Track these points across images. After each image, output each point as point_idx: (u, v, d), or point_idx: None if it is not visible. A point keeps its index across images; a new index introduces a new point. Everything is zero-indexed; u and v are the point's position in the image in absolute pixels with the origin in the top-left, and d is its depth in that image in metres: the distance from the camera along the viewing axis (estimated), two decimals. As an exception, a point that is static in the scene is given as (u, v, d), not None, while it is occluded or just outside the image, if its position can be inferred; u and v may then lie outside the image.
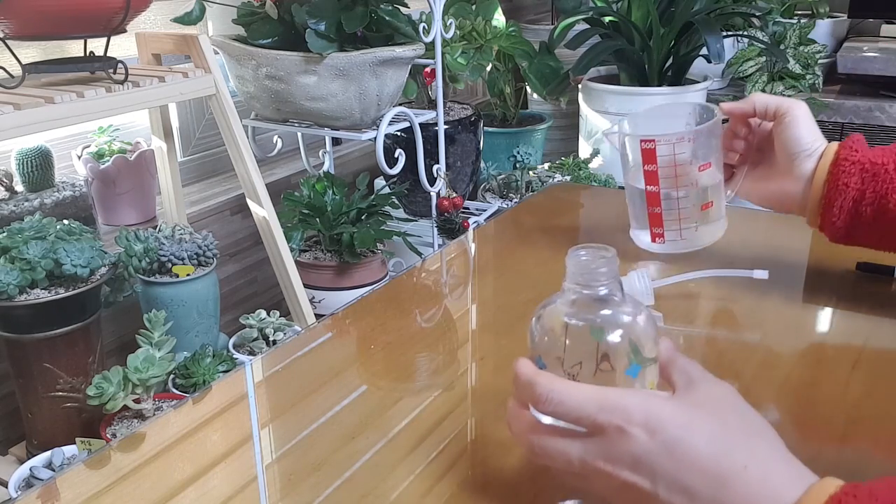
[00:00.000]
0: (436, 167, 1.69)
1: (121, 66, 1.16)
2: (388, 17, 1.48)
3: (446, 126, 1.72)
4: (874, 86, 2.48)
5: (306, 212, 1.55)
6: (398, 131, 1.61)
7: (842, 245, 0.73)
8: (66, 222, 1.16)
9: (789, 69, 2.33)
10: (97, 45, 1.19)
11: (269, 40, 1.44)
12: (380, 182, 1.83)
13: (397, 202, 1.72)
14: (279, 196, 1.56)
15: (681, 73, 2.22)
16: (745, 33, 2.32)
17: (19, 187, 1.27)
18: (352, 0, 1.44)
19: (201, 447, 0.57)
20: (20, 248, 1.06)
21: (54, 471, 1.05)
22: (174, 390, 1.21)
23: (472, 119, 1.86)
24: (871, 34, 2.75)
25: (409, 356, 0.70)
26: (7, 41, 1.09)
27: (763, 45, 2.28)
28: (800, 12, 2.68)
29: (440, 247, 1.65)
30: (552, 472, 0.45)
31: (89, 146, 1.42)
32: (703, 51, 2.03)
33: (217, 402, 0.63)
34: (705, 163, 0.77)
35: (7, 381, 1.23)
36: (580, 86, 2.27)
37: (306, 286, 1.45)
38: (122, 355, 1.06)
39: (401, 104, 1.60)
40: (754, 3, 2.34)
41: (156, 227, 1.32)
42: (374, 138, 1.50)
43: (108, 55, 1.16)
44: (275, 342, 1.35)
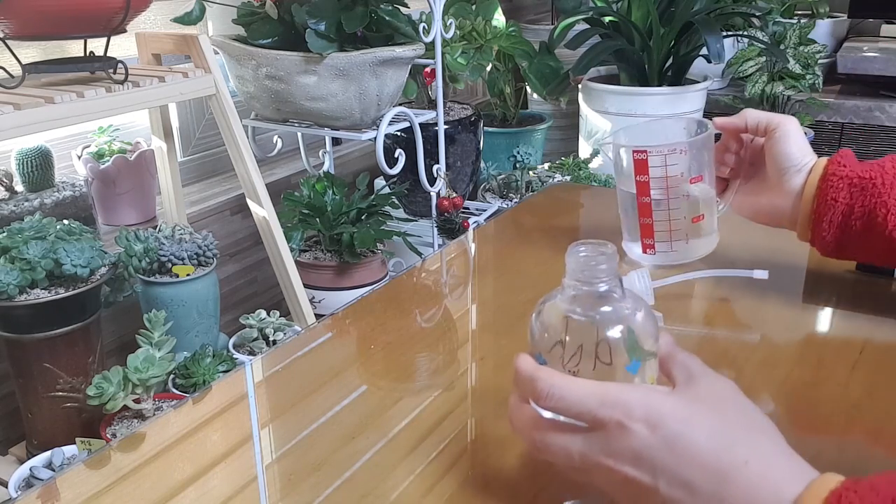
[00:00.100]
0: (436, 167, 1.69)
1: (121, 66, 1.16)
2: (388, 17, 1.48)
3: (446, 126, 1.72)
4: (874, 86, 2.49)
5: (306, 212, 1.55)
6: (398, 131, 1.61)
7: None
8: (66, 222, 1.16)
9: (789, 69, 2.33)
10: (97, 45, 1.19)
11: (269, 40, 1.44)
12: (380, 182, 1.83)
13: (397, 202, 1.72)
14: (279, 196, 1.56)
15: (681, 73, 2.22)
16: (745, 33, 2.32)
17: (19, 187, 1.27)
18: (352, 0, 1.44)
19: (201, 447, 0.57)
20: (20, 248, 1.06)
21: (54, 471, 1.05)
22: (174, 390, 1.21)
23: (472, 119, 1.86)
24: (871, 34, 2.75)
25: (409, 356, 0.70)
26: (7, 41, 1.09)
27: (763, 45, 2.28)
28: (800, 12, 2.68)
29: (440, 247, 1.65)
30: (552, 472, 0.45)
31: (89, 146, 1.42)
32: (703, 51, 2.03)
33: (217, 402, 0.63)
34: (697, 176, 0.78)
35: (7, 381, 1.23)
36: (580, 86, 2.27)
37: (306, 286, 1.45)
38: (122, 355, 1.06)
39: (401, 104, 1.60)
40: (754, 3, 2.33)
41: (156, 227, 1.32)
42: (374, 138, 1.50)
43: (108, 55, 1.16)
44: (275, 342, 1.35)
